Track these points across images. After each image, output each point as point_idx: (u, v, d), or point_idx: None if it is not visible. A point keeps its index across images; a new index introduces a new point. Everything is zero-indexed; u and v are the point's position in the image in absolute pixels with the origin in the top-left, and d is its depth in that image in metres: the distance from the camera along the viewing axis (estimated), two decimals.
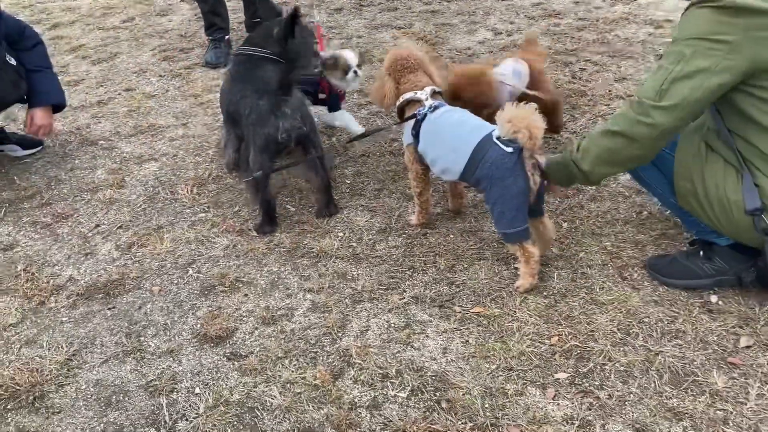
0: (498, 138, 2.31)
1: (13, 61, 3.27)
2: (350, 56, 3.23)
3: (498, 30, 4.86)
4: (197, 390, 2.17)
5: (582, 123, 3.53)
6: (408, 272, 2.61)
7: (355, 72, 3.22)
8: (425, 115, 2.55)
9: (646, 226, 2.73)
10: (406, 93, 2.63)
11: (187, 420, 2.06)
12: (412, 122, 2.60)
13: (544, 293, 2.44)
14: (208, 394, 2.14)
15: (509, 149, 2.28)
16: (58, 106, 3.55)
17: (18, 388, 2.20)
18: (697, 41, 1.95)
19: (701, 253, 2.38)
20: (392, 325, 2.36)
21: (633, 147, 2.11)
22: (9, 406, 2.15)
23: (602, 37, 4.57)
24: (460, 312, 2.38)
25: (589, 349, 2.19)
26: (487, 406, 2.02)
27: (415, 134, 2.59)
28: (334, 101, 3.38)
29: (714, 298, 2.34)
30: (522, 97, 2.76)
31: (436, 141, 2.52)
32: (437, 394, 2.08)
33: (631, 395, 2.02)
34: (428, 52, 2.86)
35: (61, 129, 3.90)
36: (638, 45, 4.37)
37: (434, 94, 2.63)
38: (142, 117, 4.00)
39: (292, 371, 2.20)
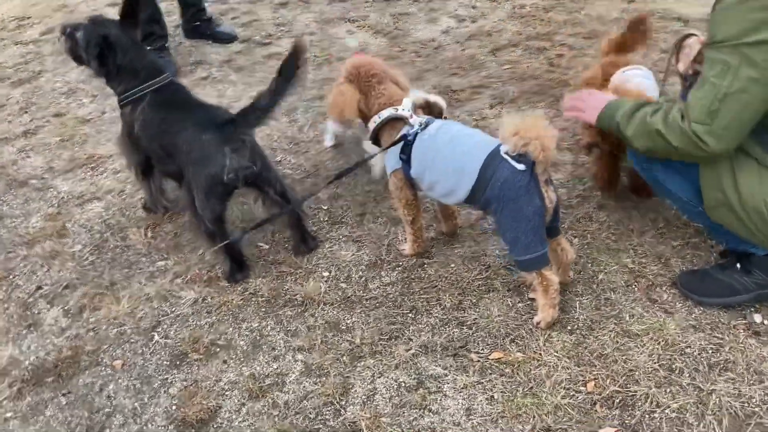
0: (507, 153, 2.00)
1: None
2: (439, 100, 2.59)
3: (461, 16, 4.52)
4: None
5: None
6: (410, 314, 2.28)
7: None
8: (416, 134, 2.21)
9: (665, 235, 2.47)
10: (383, 110, 2.26)
11: None
12: (398, 145, 2.25)
13: (569, 327, 2.15)
14: None
15: (521, 166, 1.97)
16: None
17: None
18: (741, 47, 1.69)
19: (737, 265, 2.14)
20: (402, 384, 2.04)
21: (677, 157, 1.93)
22: None
23: (573, 17, 4.28)
24: (478, 360, 2.08)
25: (632, 393, 1.92)
26: None
27: (405, 158, 2.24)
28: None
29: (758, 318, 2.10)
30: None
31: (435, 162, 2.18)
32: None
33: None
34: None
35: None
36: (612, 24, 4.10)
37: (416, 108, 2.29)
38: (78, 147, 3.51)
39: None
